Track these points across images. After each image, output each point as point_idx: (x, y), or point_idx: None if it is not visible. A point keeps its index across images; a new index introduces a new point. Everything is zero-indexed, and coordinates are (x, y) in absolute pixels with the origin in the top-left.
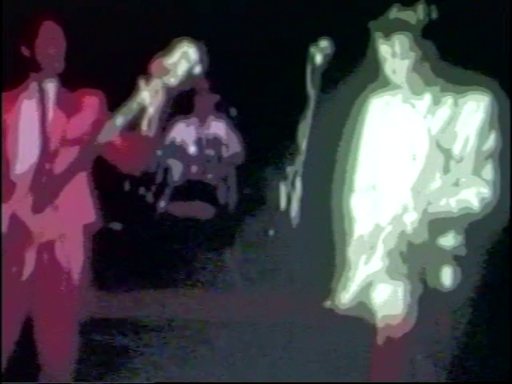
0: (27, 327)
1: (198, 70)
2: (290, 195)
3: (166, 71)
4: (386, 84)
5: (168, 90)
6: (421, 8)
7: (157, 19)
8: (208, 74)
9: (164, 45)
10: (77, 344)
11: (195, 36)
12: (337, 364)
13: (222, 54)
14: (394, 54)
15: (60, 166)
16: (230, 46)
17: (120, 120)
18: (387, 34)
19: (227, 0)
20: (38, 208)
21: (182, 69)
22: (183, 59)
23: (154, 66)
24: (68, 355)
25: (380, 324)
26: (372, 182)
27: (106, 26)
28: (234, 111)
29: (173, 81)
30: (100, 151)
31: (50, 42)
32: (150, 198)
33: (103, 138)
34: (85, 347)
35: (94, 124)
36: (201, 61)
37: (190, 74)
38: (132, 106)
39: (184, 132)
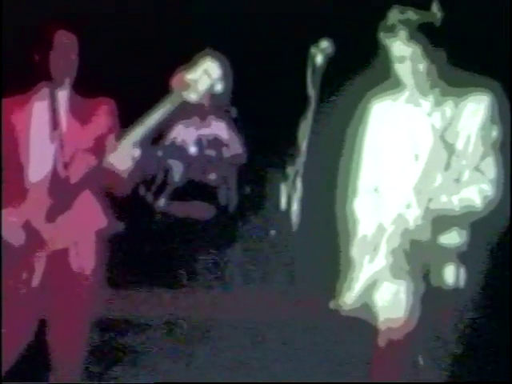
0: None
1: (219, 86)
2: (290, 195)
3: (187, 86)
4: (393, 86)
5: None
6: (434, 10)
7: (159, 21)
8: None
9: (170, 50)
10: (87, 345)
11: (196, 37)
12: (337, 364)
13: (223, 54)
14: (413, 56)
15: (74, 174)
16: (230, 47)
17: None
18: (407, 36)
19: (227, 0)
20: (52, 217)
21: (203, 85)
22: (205, 75)
23: (175, 81)
24: (79, 356)
25: (382, 326)
26: (375, 185)
27: (123, 36)
28: (234, 111)
29: (193, 97)
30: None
31: (64, 53)
32: (150, 198)
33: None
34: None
35: (106, 134)
36: (224, 77)
37: (211, 91)
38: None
39: (184, 132)
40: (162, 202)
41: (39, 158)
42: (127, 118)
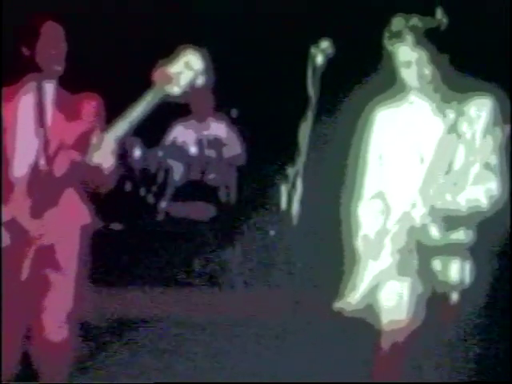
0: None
1: (201, 79)
2: (290, 195)
3: (169, 80)
4: (397, 92)
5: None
6: (438, 16)
7: (159, 22)
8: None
9: (167, 49)
10: (75, 345)
11: (196, 37)
12: (338, 364)
13: (223, 54)
14: (419, 61)
15: (57, 169)
16: (230, 47)
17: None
18: (413, 41)
19: (228, 1)
20: (37, 213)
21: (185, 78)
22: (187, 68)
23: (157, 75)
24: (66, 356)
25: (385, 327)
26: (380, 190)
27: (108, 31)
28: (234, 112)
29: (176, 90)
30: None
31: (52, 43)
32: (150, 198)
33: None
34: (83, 347)
35: (91, 130)
36: (205, 70)
37: (193, 84)
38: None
39: (184, 133)
40: (162, 202)
41: (24, 152)
42: (108, 113)
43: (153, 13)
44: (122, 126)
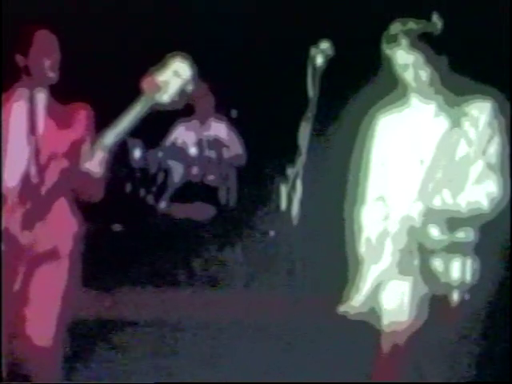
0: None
1: (190, 86)
2: (290, 196)
3: (157, 88)
4: (398, 97)
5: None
6: (434, 20)
7: (155, 23)
8: (210, 75)
9: (160, 56)
10: (65, 346)
11: (196, 39)
12: (338, 365)
13: (223, 55)
14: (416, 64)
15: (48, 179)
16: (231, 48)
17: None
18: (408, 44)
19: (228, 1)
20: (27, 225)
21: (174, 86)
22: (175, 76)
23: (145, 83)
24: (56, 358)
25: (386, 328)
26: (382, 194)
27: (97, 39)
28: (234, 113)
29: (165, 98)
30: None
31: (45, 51)
32: (150, 199)
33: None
34: (83, 348)
35: (82, 139)
36: (193, 77)
37: (182, 91)
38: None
39: (185, 134)
40: (162, 203)
41: (16, 162)
42: (98, 122)
43: (152, 13)
44: (111, 135)
